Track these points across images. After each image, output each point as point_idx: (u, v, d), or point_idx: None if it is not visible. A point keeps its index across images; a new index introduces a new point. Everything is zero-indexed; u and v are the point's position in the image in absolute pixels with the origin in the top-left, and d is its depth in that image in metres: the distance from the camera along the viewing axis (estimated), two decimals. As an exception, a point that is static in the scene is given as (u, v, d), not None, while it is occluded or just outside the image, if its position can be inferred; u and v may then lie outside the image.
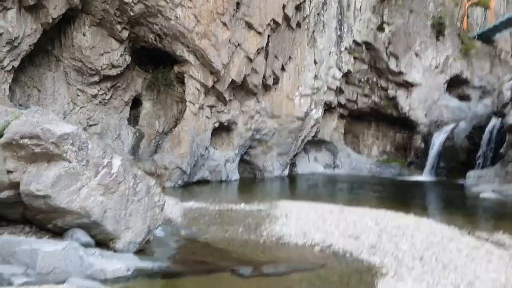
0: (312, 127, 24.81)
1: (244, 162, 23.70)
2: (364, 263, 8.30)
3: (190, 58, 18.94)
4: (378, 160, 27.65)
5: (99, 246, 8.27)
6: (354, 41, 25.54)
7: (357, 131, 28.82)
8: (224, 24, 19.00)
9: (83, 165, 7.74)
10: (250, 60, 20.57)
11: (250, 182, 22.31)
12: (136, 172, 8.66)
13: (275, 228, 10.84)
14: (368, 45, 25.85)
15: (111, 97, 18.88)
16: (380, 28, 25.81)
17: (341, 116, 27.41)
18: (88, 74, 17.59)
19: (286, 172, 24.61)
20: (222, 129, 21.85)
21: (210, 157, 20.88)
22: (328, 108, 26.02)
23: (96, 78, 17.86)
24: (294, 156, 25.09)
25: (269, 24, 20.76)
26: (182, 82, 20.02)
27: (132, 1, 16.79)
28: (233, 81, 20.32)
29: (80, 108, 17.81)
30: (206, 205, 13.83)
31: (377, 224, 10.61)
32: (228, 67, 19.84)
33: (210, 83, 19.59)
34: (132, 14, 17.13)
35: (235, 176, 22.10)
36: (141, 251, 8.73)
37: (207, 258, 8.72)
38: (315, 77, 24.15)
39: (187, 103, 19.42)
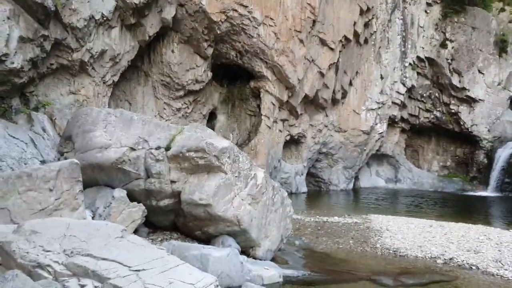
0: (376, 141, 25.09)
1: (309, 175, 24.11)
2: (495, 276, 8.56)
3: (268, 73, 19.60)
4: (439, 175, 27.58)
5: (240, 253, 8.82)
6: (418, 57, 25.83)
7: (417, 146, 28.87)
8: (301, 41, 19.63)
9: (236, 177, 8.33)
10: (322, 75, 21.12)
11: (318, 194, 22.69)
12: (274, 184, 9.22)
13: (385, 241, 11.19)
14: (431, 61, 26.06)
15: (192, 110, 19.67)
16: (443, 45, 25.99)
17: (402, 131, 27.56)
18: (174, 89, 18.42)
19: (351, 185, 24.91)
20: (291, 143, 22.37)
21: (282, 169, 21.41)
22: (391, 123, 26.25)
23: (181, 93, 18.68)
24: (358, 170, 25.37)
25: (340, 41, 21.31)
26: (256, 96, 20.68)
27: (220, 20, 17.59)
28: (305, 96, 20.90)
29: (166, 120, 18.60)
30: (300, 217, 14.28)
31: (489, 239, 10.84)
32: (302, 82, 20.43)
33: (285, 98, 20.20)
34: (218, 32, 17.92)
35: (304, 188, 22.54)
36: (273, 259, 9.23)
37: (337, 268, 9.15)
38: (381, 92, 24.50)
39: (263, 117, 20.04)
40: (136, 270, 3.51)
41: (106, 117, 8.47)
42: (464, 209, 19.26)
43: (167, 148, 8.04)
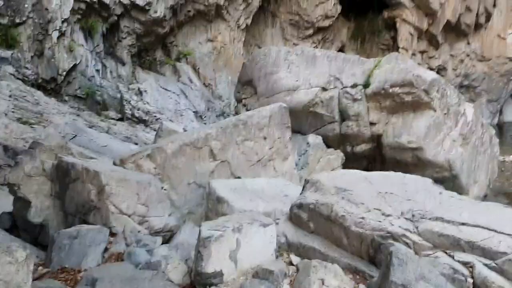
0: (524, 68, 21.93)
1: (447, 111, 21.88)
2: None
3: (405, 0, 17.46)
4: None
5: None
6: None
7: None
8: (443, -43, 17.08)
9: (444, 114, 7.07)
10: (465, -4, 18.47)
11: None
12: (482, 121, 7.82)
13: None
14: None
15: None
16: None
17: (554, 54, 23.81)
18: (303, 27, 17.19)
19: (496, 120, 22.26)
20: (428, 77, 20.22)
21: (420, 107, 19.55)
22: (542, 46, 22.71)
23: (311, 31, 17.42)
24: (504, 102, 22.55)
25: (487, -47, 18.30)
26: (390, 28, 18.69)
27: None
28: (447, 22, 18.48)
29: (296, 63, 17.57)
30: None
31: None
32: (443, 7, 18.01)
33: (424, 26, 18.04)
34: (350, -43, 16.11)
35: (444, 126, 20.52)
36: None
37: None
38: (532, 10, 21.05)
39: (400, 50, 18.07)
40: (521, 239, 2.53)
41: (287, 56, 7.55)
42: None
43: (366, 85, 6.96)
